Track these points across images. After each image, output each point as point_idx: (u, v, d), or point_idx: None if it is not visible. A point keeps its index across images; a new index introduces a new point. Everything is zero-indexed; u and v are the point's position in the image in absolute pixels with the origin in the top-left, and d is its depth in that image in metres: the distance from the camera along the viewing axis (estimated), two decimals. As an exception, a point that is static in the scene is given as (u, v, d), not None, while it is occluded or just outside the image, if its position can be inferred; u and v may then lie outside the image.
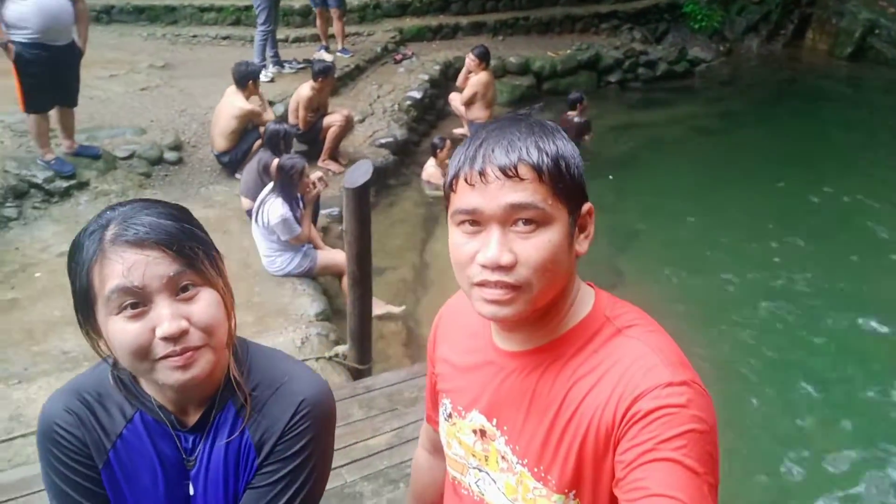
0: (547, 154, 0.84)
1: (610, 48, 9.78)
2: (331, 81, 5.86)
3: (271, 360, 1.08)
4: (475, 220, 0.86)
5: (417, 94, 7.42)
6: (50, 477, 0.98)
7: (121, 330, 0.86)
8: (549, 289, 0.87)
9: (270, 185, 4.11)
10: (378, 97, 7.28)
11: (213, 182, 5.41)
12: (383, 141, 6.46)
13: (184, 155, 5.65)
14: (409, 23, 9.28)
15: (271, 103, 6.14)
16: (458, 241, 0.88)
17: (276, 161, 4.27)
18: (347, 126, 5.95)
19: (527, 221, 0.84)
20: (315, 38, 8.16)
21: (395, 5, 9.35)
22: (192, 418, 1.00)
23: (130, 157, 5.34)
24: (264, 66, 7.02)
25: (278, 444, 1.00)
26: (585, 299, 0.95)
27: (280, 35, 8.10)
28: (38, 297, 3.87)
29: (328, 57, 7.47)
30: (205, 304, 0.90)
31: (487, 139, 0.86)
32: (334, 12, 7.51)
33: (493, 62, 7.25)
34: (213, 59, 7.65)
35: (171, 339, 0.86)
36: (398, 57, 8.36)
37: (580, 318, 0.93)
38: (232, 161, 5.33)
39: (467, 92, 6.75)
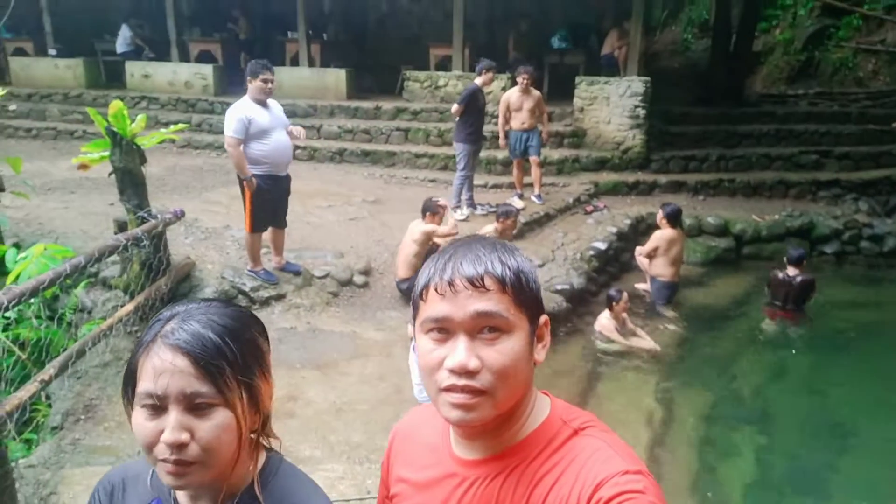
0: (509, 268, 0.94)
1: (827, 217, 8.96)
2: (512, 224, 6.08)
3: (298, 483, 1.06)
4: (443, 328, 0.93)
5: (602, 245, 7.38)
6: None
7: (139, 423, 0.93)
8: (512, 394, 0.93)
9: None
10: (562, 244, 7.36)
11: (390, 307, 5.74)
12: (559, 287, 6.43)
13: (370, 280, 6.12)
14: (606, 177, 9.46)
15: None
16: (426, 347, 0.94)
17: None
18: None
19: (491, 329, 0.91)
20: (512, 186, 8.65)
21: (594, 160, 9.64)
22: None
23: (325, 276, 5.93)
24: (459, 207, 7.56)
25: None
26: (542, 406, 1.01)
27: (480, 181, 8.73)
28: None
29: (519, 203, 7.82)
30: (213, 424, 0.93)
31: (455, 254, 0.95)
32: (533, 160, 7.94)
33: (689, 220, 7.04)
34: (417, 197, 8.33)
35: (170, 446, 0.91)
36: (589, 208, 8.48)
37: (538, 424, 0.98)
38: (409, 288, 5.65)
39: (648, 245, 6.57)
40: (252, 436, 1.01)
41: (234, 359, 0.95)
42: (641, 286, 7.10)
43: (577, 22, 12.16)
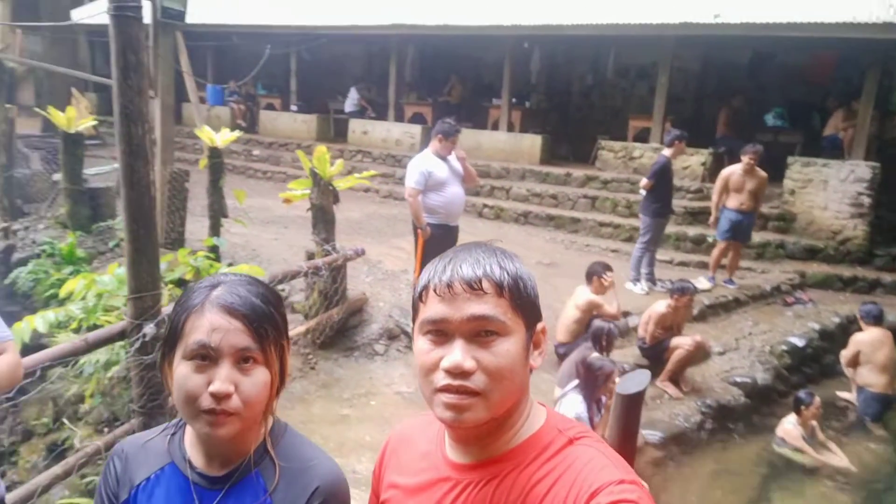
0: (508, 273, 0.95)
1: None
2: (687, 302, 5.64)
3: (303, 444, 1.15)
4: (441, 330, 0.93)
5: (799, 342, 6.53)
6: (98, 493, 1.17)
7: (185, 374, 1.01)
8: (506, 397, 0.93)
9: (577, 380, 4.06)
10: (749, 334, 6.65)
11: (545, 371, 5.57)
12: (739, 380, 5.79)
13: (531, 340, 6.03)
14: (816, 268, 8.43)
15: (627, 314, 6.20)
16: (424, 348, 0.95)
17: (587, 357, 4.24)
18: (696, 352, 5.55)
19: (488, 332, 0.92)
20: (700, 265, 8.08)
21: (802, 248, 8.67)
22: (218, 475, 1.08)
23: (486, 329, 5.97)
24: (637, 280, 7.23)
25: None
26: (538, 415, 1.01)
27: (665, 257, 8.29)
28: (363, 420, 4.48)
29: (705, 284, 7.27)
30: (255, 380, 1.03)
31: (455, 258, 0.97)
32: (736, 245, 7.37)
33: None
34: (595, 266, 8.21)
35: (217, 397, 0.99)
36: (790, 300, 7.60)
37: (533, 431, 0.98)
38: (566, 354, 5.45)
39: (848, 350, 5.72)
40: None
41: (276, 325, 1.07)
42: (846, 395, 6.13)
43: (798, 100, 11.26)
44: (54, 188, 8.50)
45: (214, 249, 6.01)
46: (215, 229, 6.23)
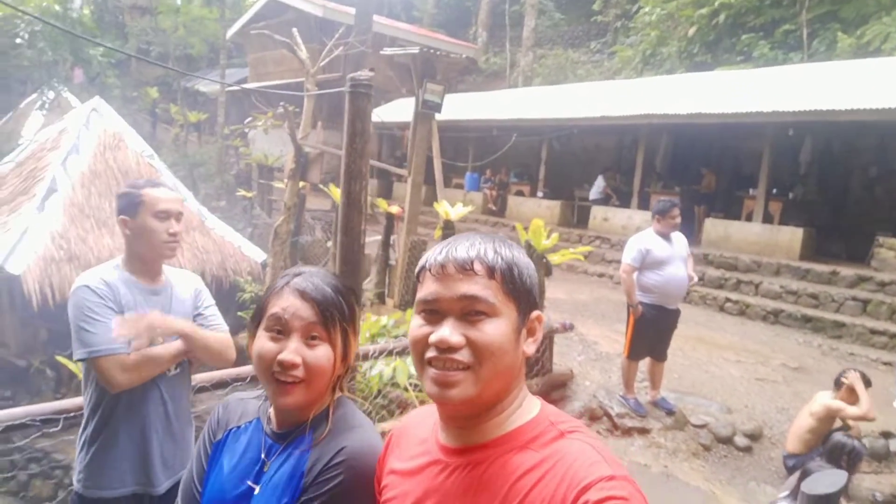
0: (502, 258, 0.97)
1: None
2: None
3: (356, 414, 1.29)
4: (434, 310, 0.97)
5: None
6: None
7: (262, 343, 1.24)
8: (494, 374, 0.95)
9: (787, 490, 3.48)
10: None
11: (767, 481, 4.86)
12: None
13: (756, 446, 5.31)
14: None
15: (888, 434, 5.14)
16: (416, 324, 1.00)
17: (810, 477, 3.59)
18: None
19: (478, 312, 0.95)
20: None
21: None
22: (281, 432, 1.27)
23: (702, 426, 5.43)
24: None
25: (317, 478, 1.17)
26: (532, 406, 1.02)
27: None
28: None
29: None
30: (318, 353, 1.22)
31: (454, 241, 1.01)
32: None
33: None
34: (858, 378, 6.97)
35: (284, 365, 1.19)
36: None
37: (526, 420, 0.99)
38: (794, 466, 4.69)
39: None
40: (338, 377, 1.28)
41: (341, 311, 1.25)
42: None
43: None
44: (327, 252, 10.04)
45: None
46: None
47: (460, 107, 16.13)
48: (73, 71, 20.66)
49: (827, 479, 2.31)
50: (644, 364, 5.53)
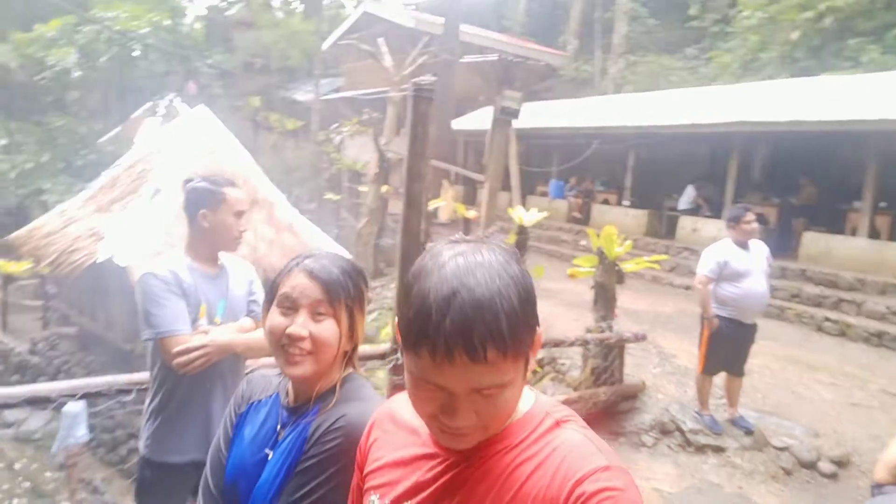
0: (510, 321, 0.85)
1: None
2: None
3: (364, 387, 1.38)
4: (441, 387, 0.89)
5: None
6: None
7: (273, 318, 1.35)
8: (502, 422, 0.96)
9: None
10: None
11: (853, 512, 4.53)
12: None
13: (843, 473, 4.96)
14: None
15: None
16: (424, 396, 0.92)
17: (878, 497, 3.32)
18: None
19: (490, 389, 0.89)
20: None
21: None
22: (295, 406, 1.37)
23: (784, 448, 5.13)
24: None
25: (317, 441, 1.26)
26: (526, 398, 1.01)
27: None
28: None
29: None
30: (323, 327, 1.32)
31: (454, 299, 0.84)
32: None
33: None
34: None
35: (292, 338, 1.30)
36: None
37: (522, 414, 0.99)
38: (883, 499, 4.34)
39: None
40: (345, 353, 1.37)
41: (347, 290, 1.34)
42: None
43: None
44: (407, 256, 10.26)
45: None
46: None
47: (545, 114, 16.03)
48: (188, 83, 22.28)
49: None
50: (720, 379, 5.30)
